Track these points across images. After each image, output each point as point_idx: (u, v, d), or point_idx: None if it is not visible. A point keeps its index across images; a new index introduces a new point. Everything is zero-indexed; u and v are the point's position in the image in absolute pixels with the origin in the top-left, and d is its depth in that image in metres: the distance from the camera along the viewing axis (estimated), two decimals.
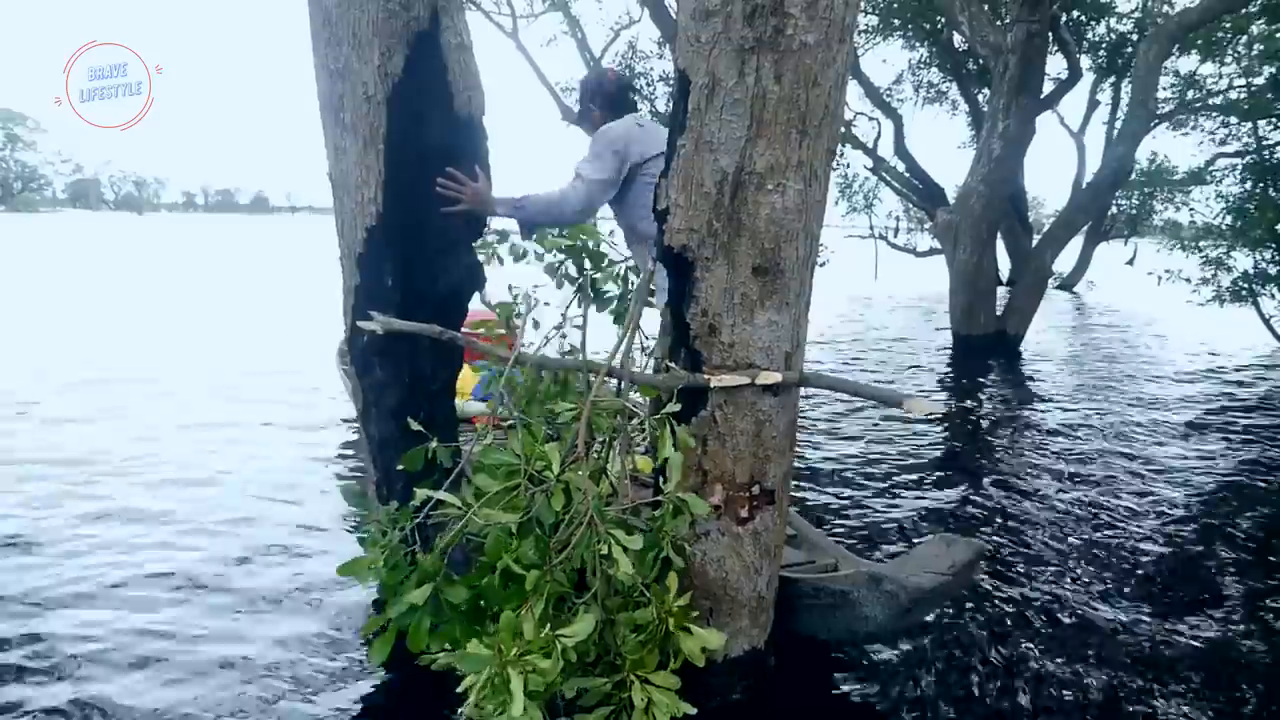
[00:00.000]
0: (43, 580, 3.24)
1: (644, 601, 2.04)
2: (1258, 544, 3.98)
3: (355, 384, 2.70)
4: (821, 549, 2.98)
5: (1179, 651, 2.95)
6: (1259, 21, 10.26)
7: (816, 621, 2.58)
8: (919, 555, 2.46)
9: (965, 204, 9.84)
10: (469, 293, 2.70)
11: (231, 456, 4.92)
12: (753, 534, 2.30)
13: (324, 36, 2.39)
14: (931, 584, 2.32)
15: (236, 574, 3.36)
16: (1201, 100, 13.20)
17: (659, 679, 1.99)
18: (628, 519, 2.11)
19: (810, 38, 1.97)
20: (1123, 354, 10.39)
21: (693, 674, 2.10)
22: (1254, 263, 10.01)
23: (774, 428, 2.25)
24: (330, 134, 2.49)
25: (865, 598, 2.40)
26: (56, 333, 9.50)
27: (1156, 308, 15.01)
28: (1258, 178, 9.77)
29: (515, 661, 1.75)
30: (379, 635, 2.14)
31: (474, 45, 2.57)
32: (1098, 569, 3.63)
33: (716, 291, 2.16)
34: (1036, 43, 9.10)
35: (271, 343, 9.23)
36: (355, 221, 2.48)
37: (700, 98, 2.05)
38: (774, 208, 2.09)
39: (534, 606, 1.85)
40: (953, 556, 2.38)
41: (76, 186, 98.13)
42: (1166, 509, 4.43)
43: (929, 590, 2.33)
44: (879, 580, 2.38)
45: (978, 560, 2.45)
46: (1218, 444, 5.84)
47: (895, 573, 2.39)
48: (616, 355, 2.30)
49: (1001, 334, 10.02)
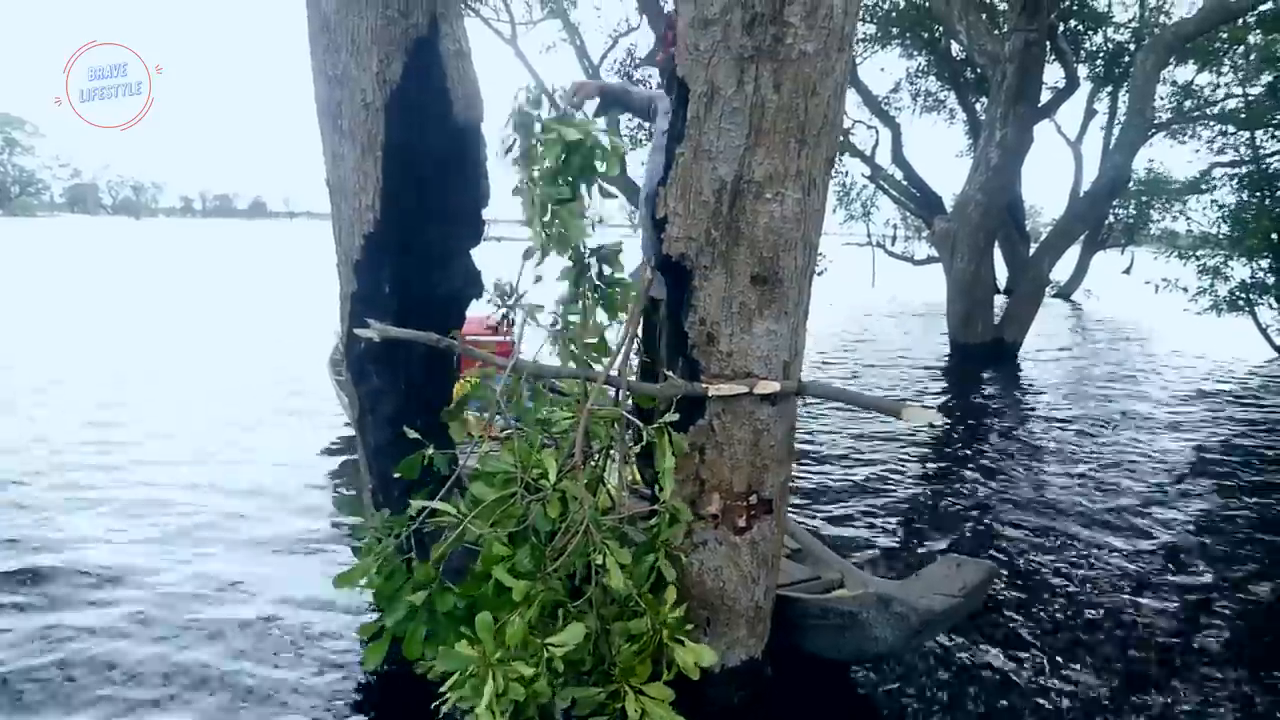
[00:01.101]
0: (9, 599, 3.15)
1: (639, 611, 2.03)
2: (1262, 547, 3.98)
3: (351, 391, 2.69)
4: (825, 563, 2.97)
5: (1185, 660, 2.94)
6: (1256, 31, 10.30)
7: (826, 642, 2.57)
8: (928, 576, 2.44)
9: (963, 212, 9.86)
10: (467, 300, 2.69)
11: (223, 462, 4.90)
12: (750, 544, 2.29)
13: (322, 42, 2.38)
14: (942, 606, 2.31)
15: (225, 585, 3.31)
16: (1198, 110, 13.25)
17: (653, 690, 1.98)
18: (624, 528, 2.10)
19: (809, 46, 1.97)
20: (1120, 362, 10.39)
21: (690, 684, 2.08)
22: (1251, 272, 10.03)
23: (772, 437, 2.24)
24: (328, 140, 2.48)
25: (875, 619, 2.38)
26: (48, 339, 9.46)
27: (1153, 317, 15.05)
28: (1255, 187, 9.80)
29: (496, 665, 1.74)
30: (374, 640, 2.13)
31: (473, 52, 2.56)
32: (1100, 580, 3.62)
33: (715, 300, 2.15)
34: (1034, 52, 9.13)
35: (265, 350, 9.20)
36: (353, 228, 2.48)
37: (699, 106, 2.05)
38: (773, 216, 2.08)
39: (524, 614, 1.83)
40: (963, 578, 2.36)
41: (74, 191, 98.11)
42: (1168, 517, 4.43)
43: (939, 612, 2.31)
44: (889, 602, 2.35)
45: (988, 581, 2.43)
46: (1216, 449, 5.84)
47: (905, 594, 2.37)
48: (614, 363, 2.29)
49: (999, 342, 10.03)
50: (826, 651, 2.60)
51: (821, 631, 2.54)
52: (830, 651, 2.60)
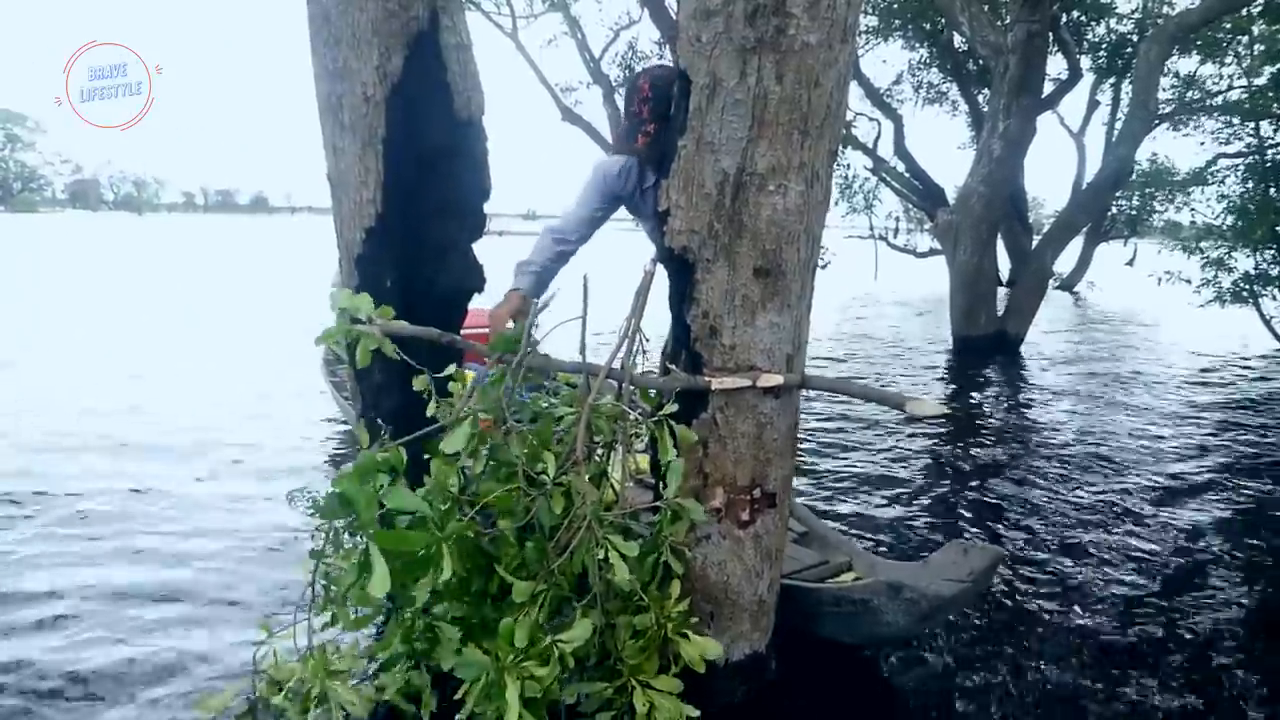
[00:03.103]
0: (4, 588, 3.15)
1: (644, 606, 2.03)
2: (1264, 542, 3.97)
3: (351, 389, 2.68)
4: (834, 546, 2.99)
5: (1186, 655, 2.94)
6: (1259, 22, 10.24)
7: (838, 626, 2.66)
8: (937, 562, 2.47)
9: (965, 204, 9.83)
10: (468, 294, 2.68)
11: (216, 464, 4.90)
12: (754, 537, 2.29)
13: (323, 36, 2.37)
14: (951, 591, 2.36)
15: (220, 587, 3.30)
16: (1201, 101, 13.20)
17: (661, 683, 1.98)
18: (628, 523, 2.10)
19: (812, 38, 1.96)
20: (1123, 354, 10.38)
21: (694, 677, 2.09)
22: (1255, 264, 10.00)
23: (775, 430, 2.24)
24: (329, 134, 2.47)
25: (886, 605, 2.47)
26: (44, 336, 9.47)
27: (1157, 308, 15.01)
28: (1259, 178, 9.76)
29: (511, 668, 1.74)
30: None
31: (474, 46, 2.55)
32: (1105, 570, 3.62)
33: (717, 293, 2.14)
34: (1037, 43, 9.09)
35: (263, 346, 9.20)
36: (354, 222, 2.47)
37: (701, 98, 2.04)
38: (775, 209, 2.07)
39: (530, 613, 1.83)
40: (971, 563, 2.39)
41: (76, 187, 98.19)
42: (1171, 507, 4.42)
43: (948, 597, 2.37)
44: (899, 589, 2.42)
45: (995, 566, 2.46)
46: (1220, 441, 5.83)
47: (914, 580, 2.42)
48: (616, 356, 2.28)
49: (1002, 335, 10.02)
50: (838, 635, 2.70)
51: (834, 618, 2.63)
52: (842, 635, 2.70)
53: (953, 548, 2.48)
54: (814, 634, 2.68)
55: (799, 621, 2.61)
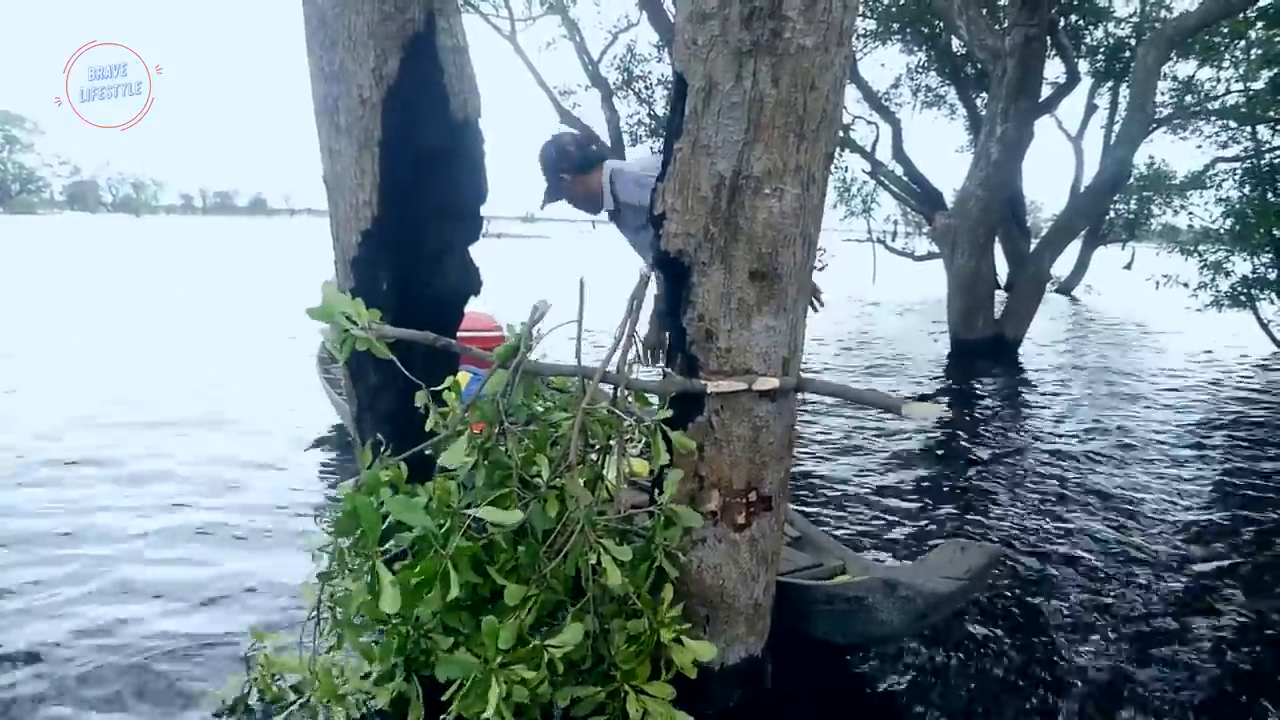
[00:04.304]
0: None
1: (638, 611, 2.02)
2: (1263, 543, 3.98)
3: (346, 389, 2.68)
4: (827, 550, 2.97)
5: (1186, 655, 2.94)
6: (1257, 26, 10.27)
7: (832, 626, 2.58)
8: (934, 560, 2.45)
9: (963, 208, 9.84)
10: (465, 297, 2.68)
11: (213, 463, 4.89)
12: (750, 541, 2.28)
13: (319, 38, 2.37)
14: (948, 589, 2.31)
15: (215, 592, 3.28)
16: (1199, 105, 13.21)
17: (654, 689, 1.97)
18: (622, 527, 2.09)
19: (808, 41, 1.96)
20: (1121, 358, 10.38)
21: (689, 682, 2.08)
22: (1253, 267, 10.01)
23: (771, 433, 2.23)
24: (325, 137, 2.47)
25: (881, 604, 2.40)
26: (41, 340, 9.45)
27: (1155, 312, 15.02)
28: (1256, 182, 9.78)
29: (498, 670, 1.73)
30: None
31: (471, 48, 2.55)
32: (1105, 570, 3.61)
33: (713, 296, 2.14)
34: (1035, 47, 9.09)
35: (259, 347, 9.19)
36: (350, 225, 2.47)
37: (697, 101, 2.04)
38: (771, 212, 2.07)
39: (520, 617, 1.83)
40: (968, 561, 2.37)
41: (74, 188, 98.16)
42: (1170, 510, 4.42)
43: (945, 595, 2.32)
44: (894, 586, 2.36)
45: (993, 565, 2.43)
46: (1219, 445, 5.84)
47: (911, 578, 2.38)
48: (611, 359, 2.28)
49: (1000, 338, 10.01)
50: (832, 636, 2.62)
51: (827, 616, 2.56)
52: (836, 636, 2.62)
53: (949, 546, 2.46)
54: (807, 634, 2.61)
55: (792, 621, 2.55)
